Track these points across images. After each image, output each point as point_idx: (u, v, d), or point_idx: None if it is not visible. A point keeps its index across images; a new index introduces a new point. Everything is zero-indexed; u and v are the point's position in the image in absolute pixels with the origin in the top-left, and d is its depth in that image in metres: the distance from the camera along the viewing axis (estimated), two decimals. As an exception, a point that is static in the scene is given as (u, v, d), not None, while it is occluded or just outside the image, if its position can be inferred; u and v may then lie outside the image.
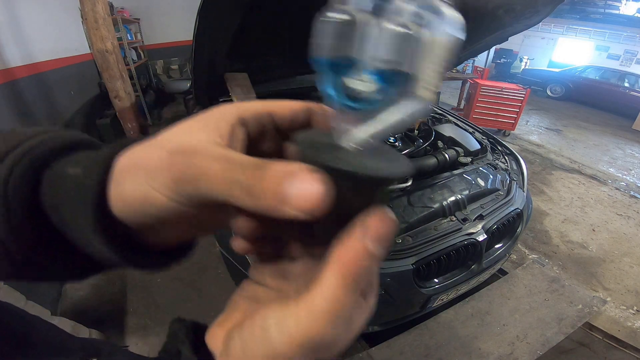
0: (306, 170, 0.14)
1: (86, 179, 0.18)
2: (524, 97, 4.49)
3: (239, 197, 0.15)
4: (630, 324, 1.92)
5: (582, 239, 2.69)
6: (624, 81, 7.66)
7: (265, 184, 0.14)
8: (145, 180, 0.16)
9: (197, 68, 1.54)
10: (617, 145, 5.33)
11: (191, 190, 0.16)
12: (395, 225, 0.15)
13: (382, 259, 0.15)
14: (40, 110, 2.61)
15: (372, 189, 0.17)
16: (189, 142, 0.17)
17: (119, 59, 2.31)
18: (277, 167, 0.15)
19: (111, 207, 0.18)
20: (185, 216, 0.17)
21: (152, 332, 1.68)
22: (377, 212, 0.15)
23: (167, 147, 0.17)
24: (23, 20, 2.52)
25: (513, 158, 1.96)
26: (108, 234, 0.18)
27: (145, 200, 0.17)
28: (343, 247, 0.15)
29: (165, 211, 0.17)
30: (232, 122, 0.19)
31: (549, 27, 10.87)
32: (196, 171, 0.15)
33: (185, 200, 0.16)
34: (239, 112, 0.20)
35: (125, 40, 4.27)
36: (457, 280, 1.45)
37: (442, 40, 0.15)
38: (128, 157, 0.18)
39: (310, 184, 0.14)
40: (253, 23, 1.54)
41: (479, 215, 1.47)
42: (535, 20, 1.73)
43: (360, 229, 0.15)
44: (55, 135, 0.21)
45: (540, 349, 1.58)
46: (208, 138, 0.17)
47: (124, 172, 0.18)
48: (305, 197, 0.14)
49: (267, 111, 0.21)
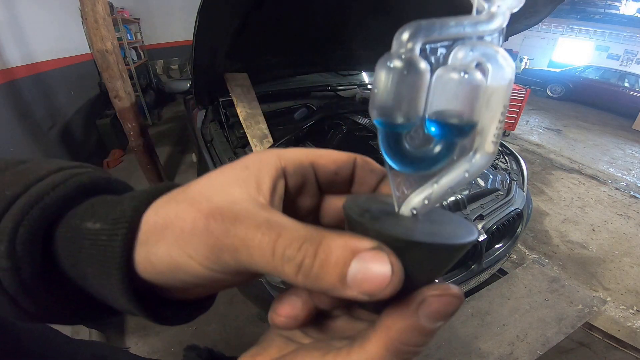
0: (372, 249, 0.13)
1: (110, 239, 0.16)
2: (524, 97, 4.49)
3: (289, 275, 0.13)
4: (630, 324, 1.92)
5: (582, 239, 2.69)
6: (624, 81, 7.65)
7: (325, 265, 0.13)
8: (178, 246, 0.15)
9: (197, 68, 1.54)
10: (617, 145, 5.33)
11: (230, 261, 0.14)
12: (459, 301, 0.14)
13: (435, 332, 0.14)
14: (40, 110, 2.61)
15: (440, 259, 0.15)
16: (227, 202, 0.15)
17: (119, 59, 2.30)
18: (338, 244, 0.13)
19: (138, 270, 0.16)
20: (219, 281, 0.16)
21: (152, 332, 1.68)
22: (439, 288, 0.14)
23: (202, 207, 0.15)
24: (23, 20, 2.53)
25: (513, 158, 1.96)
26: (134, 295, 0.17)
27: (177, 266, 0.15)
28: (394, 319, 0.14)
29: (198, 278, 0.16)
30: (273, 175, 0.17)
31: (549, 27, 10.87)
32: (237, 242, 0.14)
33: (222, 269, 0.15)
34: (280, 161, 0.18)
35: (125, 40, 4.27)
36: (457, 280, 1.45)
37: (503, 87, 0.14)
38: (157, 215, 0.16)
39: (379, 265, 0.13)
40: (253, 23, 1.54)
41: (479, 215, 1.47)
42: (535, 20, 1.72)
43: (415, 304, 0.14)
44: (66, 176, 0.19)
45: (540, 349, 1.58)
46: (248, 196, 0.16)
47: (154, 234, 0.16)
48: (372, 280, 0.12)
49: (310, 161, 0.19)
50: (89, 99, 3.66)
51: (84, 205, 0.18)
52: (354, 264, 0.13)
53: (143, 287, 0.17)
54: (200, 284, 0.16)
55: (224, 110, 1.81)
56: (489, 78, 0.14)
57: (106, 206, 0.18)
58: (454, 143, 0.15)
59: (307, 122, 1.80)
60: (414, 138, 0.16)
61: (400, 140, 0.15)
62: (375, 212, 0.17)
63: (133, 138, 2.57)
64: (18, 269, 0.16)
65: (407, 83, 0.14)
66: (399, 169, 0.16)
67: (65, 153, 2.85)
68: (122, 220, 0.16)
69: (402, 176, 0.16)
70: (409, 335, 0.14)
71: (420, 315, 0.14)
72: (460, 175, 0.15)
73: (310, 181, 0.20)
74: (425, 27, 0.14)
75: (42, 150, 2.52)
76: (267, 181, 0.17)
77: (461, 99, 0.14)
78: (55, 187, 0.18)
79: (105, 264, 0.16)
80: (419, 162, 0.16)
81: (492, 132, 0.15)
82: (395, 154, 0.15)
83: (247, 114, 1.71)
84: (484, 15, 0.14)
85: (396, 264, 0.13)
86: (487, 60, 0.14)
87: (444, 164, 0.15)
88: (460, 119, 0.14)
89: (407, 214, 0.16)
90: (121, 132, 2.99)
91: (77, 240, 0.17)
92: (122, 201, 0.17)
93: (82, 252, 0.17)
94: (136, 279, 0.17)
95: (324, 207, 0.22)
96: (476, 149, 0.15)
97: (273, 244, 0.13)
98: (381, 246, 0.13)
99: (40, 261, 0.17)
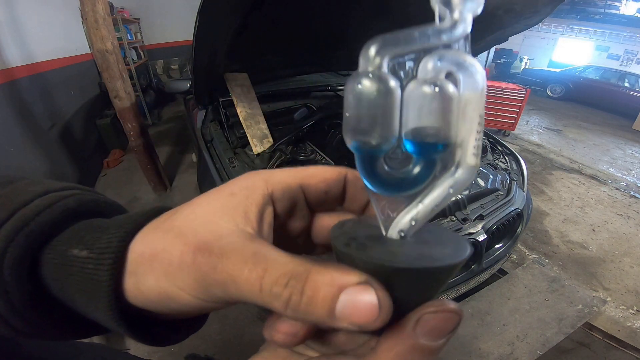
0: (359, 284, 0.13)
1: (97, 269, 0.16)
2: (524, 97, 4.49)
3: (278, 309, 0.13)
4: (630, 324, 1.91)
5: (582, 239, 2.69)
6: (624, 81, 7.66)
7: (312, 302, 0.13)
8: (167, 279, 0.15)
9: (197, 68, 1.54)
10: (617, 145, 5.33)
11: (220, 293, 0.15)
12: (457, 316, 0.14)
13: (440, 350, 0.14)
14: (40, 110, 2.60)
15: (430, 282, 0.15)
16: (214, 235, 0.15)
17: (119, 59, 2.30)
18: (324, 280, 0.13)
19: (127, 297, 0.16)
20: (211, 308, 0.16)
21: (152, 332, 1.68)
22: (433, 305, 0.14)
23: (189, 241, 0.15)
24: (23, 20, 2.52)
25: (513, 158, 1.96)
26: (123, 319, 0.17)
27: (167, 297, 0.15)
28: (393, 341, 0.14)
29: (189, 307, 0.16)
30: (260, 203, 0.17)
31: (549, 27, 10.87)
32: (225, 277, 0.14)
33: (213, 299, 0.15)
34: (267, 187, 0.18)
35: (125, 40, 4.27)
36: (457, 280, 1.45)
37: (476, 95, 0.13)
38: (144, 245, 0.16)
39: (366, 299, 0.13)
40: (253, 23, 1.54)
41: (479, 215, 1.47)
42: (535, 20, 1.73)
43: (412, 324, 0.14)
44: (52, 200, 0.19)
45: (540, 349, 1.58)
46: (235, 227, 0.16)
47: (141, 264, 0.16)
48: (361, 314, 0.12)
49: (299, 183, 0.19)
50: (89, 99, 3.66)
51: (70, 231, 0.18)
52: (341, 298, 0.13)
53: (133, 311, 0.17)
54: (190, 311, 0.16)
55: (224, 110, 1.81)
56: (461, 87, 0.13)
57: (93, 232, 0.17)
58: (434, 160, 0.15)
59: (307, 122, 1.80)
60: (392, 159, 0.15)
61: (379, 162, 0.15)
62: (362, 238, 0.16)
63: (133, 138, 2.57)
64: (7, 292, 0.16)
65: (378, 103, 0.13)
66: (381, 193, 0.15)
67: (65, 153, 2.85)
68: (109, 251, 0.16)
69: (386, 199, 0.16)
70: (410, 356, 0.13)
71: (418, 335, 0.13)
72: (445, 192, 0.15)
73: (300, 203, 0.20)
74: (391, 41, 0.13)
75: (42, 150, 2.52)
76: (254, 210, 0.17)
77: (435, 114, 0.13)
78: (40, 212, 0.18)
79: (93, 291, 0.16)
80: (400, 184, 0.15)
81: (472, 144, 0.14)
82: (374, 178, 0.15)
83: (247, 114, 1.71)
84: (447, 22, 0.13)
85: (383, 297, 0.13)
86: (456, 69, 0.13)
87: (426, 182, 0.15)
88: (437, 135, 0.14)
89: (395, 237, 0.16)
90: (121, 132, 2.99)
91: (64, 267, 0.17)
92: (109, 229, 0.17)
93: (70, 279, 0.17)
94: (126, 304, 0.17)
95: (315, 227, 0.21)
96: (458, 163, 0.14)
97: (260, 280, 0.13)
98: (368, 280, 0.13)
99: (28, 285, 0.17)
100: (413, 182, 0.15)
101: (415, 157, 0.15)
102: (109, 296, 0.16)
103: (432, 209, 0.15)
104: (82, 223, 0.19)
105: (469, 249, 0.15)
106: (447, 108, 0.13)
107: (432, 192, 0.15)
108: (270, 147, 1.61)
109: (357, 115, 0.14)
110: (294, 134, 1.70)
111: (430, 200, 0.15)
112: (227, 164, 1.54)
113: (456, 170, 0.14)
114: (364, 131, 0.14)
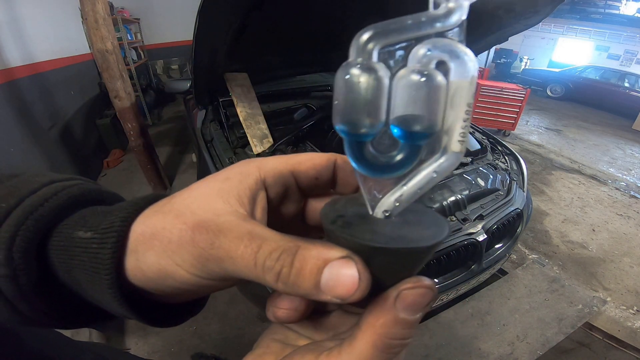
0: (342, 259, 0.14)
1: (100, 247, 0.17)
2: (524, 97, 4.49)
3: (270, 282, 0.15)
4: (630, 324, 1.92)
5: (582, 239, 2.69)
6: (624, 81, 7.66)
7: (300, 274, 0.14)
8: (166, 255, 0.16)
9: (197, 68, 1.54)
10: (617, 145, 5.33)
11: (216, 269, 0.15)
12: (432, 292, 0.15)
13: (417, 323, 0.15)
14: (40, 110, 2.60)
15: (407, 261, 0.16)
16: (211, 214, 0.16)
17: (119, 59, 2.30)
18: (311, 254, 0.14)
19: (128, 276, 0.17)
20: (208, 286, 0.17)
21: (152, 332, 1.68)
22: (411, 281, 0.15)
23: (187, 220, 0.16)
24: (23, 20, 2.52)
25: (513, 158, 1.96)
26: (125, 299, 0.18)
27: (166, 274, 0.16)
28: (375, 316, 0.15)
29: (186, 284, 0.17)
30: (253, 188, 0.19)
31: (549, 27, 10.87)
32: (221, 253, 0.15)
33: (209, 276, 0.16)
34: (260, 173, 0.19)
35: (125, 40, 4.28)
36: (457, 280, 1.45)
37: (466, 83, 0.14)
38: (144, 225, 0.17)
39: (347, 272, 0.14)
40: (253, 23, 1.54)
41: (479, 215, 1.47)
42: (535, 20, 1.72)
43: (392, 299, 0.15)
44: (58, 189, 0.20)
45: (540, 349, 1.58)
46: (230, 208, 0.17)
47: (142, 243, 0.17)
48: (342, 286, 0.14)
49: (290, 170, 0.20)
50: (89, 99, 3.66)
51: (75, 216, 0.19)
52: (326, 271, 0.14)
53: (134, 293, 0.18)
54: (189, 289, 0.17)
55: (224, 110, 1.81)
56: (451, 75, 0.14)
57: (96, 216, 0.19)
58: (420, 146, 0.15)
59: (307, 122, 1.80)
60: (380, 143, 0.16)
61: (366, 147, 0.16)
62: (349, 217, 0.17)
63: (133, 138, 2.57)
64: (16, 276, 0.17)
65: (366, 93, 0.14)
66: (368, 174, 0.16)
67: (65, 153, 2.85)
68: (112, 230, 0.17)
69: (372, 180, 0.16)
70: (392, 329, 0.15)
71: (398, 309, 0.15)
72: (429, 176, 0.16)
73: (292, 188, 0.21)
74: (383, 30, 0.14)
75: (42, 150, 2.52)
76: (247, 193, 0.18)
77: (422, 103, 0.14)
78: (48, 199, 0.19)
79: (96, 270, 0.17)
80: (386, 167, 0.16)
81: (458, 132, 0.14)
82: (361, 161, 0.16)
83: (247, 114, 1.71)
84: (442, 10, 0.13)
85: (363, 271, 0.14)
86: (448, 57, 0.14)
87: (411, 166, 0.16)
88: (423, 123, 0.14)
89: (380, 216, 0.17)
90: (121, 132, 2.99)
91: (70, 248, 0.18)
92: (112, 212, 0.18)
93: (75, 260, 0.18)
94: (127, 284, 0.18)
95: (308, 210, 0.23)
96: (443, 148, 0.15)
97: (254, 255, 0.14)
98: (349, 255, 0.14)
99: (36, 268, 0.18)
100: (399, 166, 0.16)
101: (402, 142, 0.15)
102: (111, 274, 0.17)
103: (415, 191, 0.16)
104: (86, 209, 0.20)
105: (447, 232, 0.16)
106: (434, 97, 0.14)
107: (417, 175, 0.16)
108: (270, 147, 1.61)
109: (346, 104, 0.14)
110: (294, 134, 1.70)
111: (414, 183, 0.16)
112: (227, 164, 1.54)
113: (441, 156, 0.15)
114: (352, 118, 0.14)
